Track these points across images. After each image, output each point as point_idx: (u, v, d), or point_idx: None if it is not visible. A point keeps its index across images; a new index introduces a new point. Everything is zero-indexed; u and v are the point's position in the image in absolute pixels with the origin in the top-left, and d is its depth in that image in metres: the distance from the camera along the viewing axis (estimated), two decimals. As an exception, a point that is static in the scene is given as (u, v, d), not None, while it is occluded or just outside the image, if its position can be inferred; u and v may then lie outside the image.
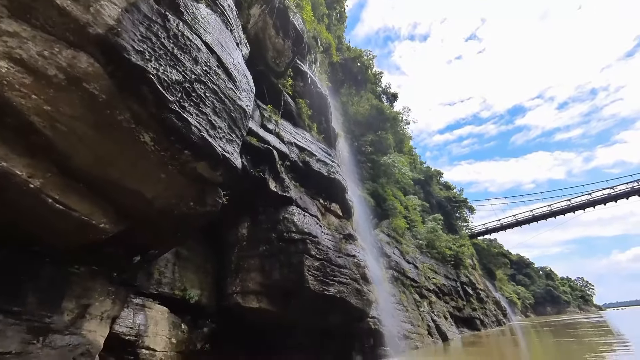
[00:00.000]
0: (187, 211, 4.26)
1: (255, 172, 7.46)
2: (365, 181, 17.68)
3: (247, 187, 7.74)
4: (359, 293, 9.58)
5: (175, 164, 3.85)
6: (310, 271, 7.83)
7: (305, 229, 8.28)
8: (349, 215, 12.07)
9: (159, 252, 5.45)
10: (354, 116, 20.78)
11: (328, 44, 16.25)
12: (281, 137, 9.20)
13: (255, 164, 7.53)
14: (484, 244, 55.32)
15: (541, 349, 12.70)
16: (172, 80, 3.36)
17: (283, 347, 9.18)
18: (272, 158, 7.87)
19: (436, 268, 27.63)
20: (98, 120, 3.15)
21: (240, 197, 8.02)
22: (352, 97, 21.57)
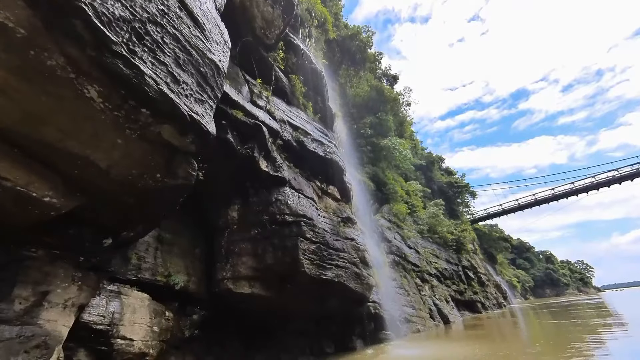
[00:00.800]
0: (154, 184, 3.67)
1: (243, 149, 6.83)
2: (365, 165, 17.03)
3: (235, 166, 7.13)
4: (358, 277, 9.13)
5: (133, 127, 3.23)
6: (305, 255, 7.33)
7: (300, 211, 7.73)
8: (347, 199, 11.51)
9: (135, 236, 4.91)
10: (352, 98, 19.89)
11: (324, 18, 15.20)
12: (272, 114, 8.51)
13: (243, 141, 6.90)
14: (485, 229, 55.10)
15: (540, 329, 12.59)
16: (115, 15, 2.68)
17: (281, 332, 8.84)
18: (261, 135, 7.22)
19: (438, 253, 27.35)
20: (22, 66, 2.51)
21: (229, 177, 7.44)
22: (350, 79, 20.60)
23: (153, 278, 5.50)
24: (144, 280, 5.33)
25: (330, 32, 15.89)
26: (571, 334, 9.49)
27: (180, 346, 6.08)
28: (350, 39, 18.73)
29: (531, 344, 8.38)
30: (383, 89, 19.08)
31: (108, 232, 4.37)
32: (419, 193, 32.33)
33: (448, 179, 44.88)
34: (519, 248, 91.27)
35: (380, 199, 17.45)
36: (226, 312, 7.60)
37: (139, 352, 4.54)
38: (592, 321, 12.60)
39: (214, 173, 7.10)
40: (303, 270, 7.16)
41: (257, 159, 7.26)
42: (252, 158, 7.12)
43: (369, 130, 17.23)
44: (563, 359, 5.96)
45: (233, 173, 7.30)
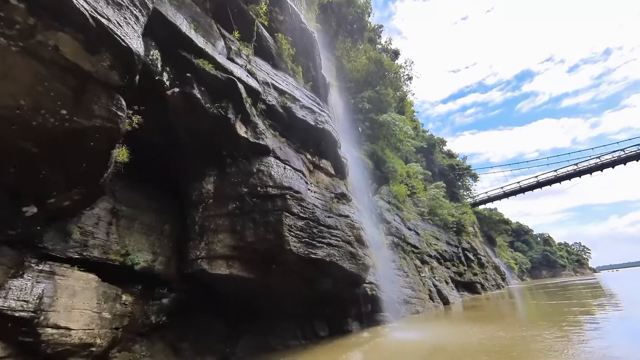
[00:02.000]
0: (60, 126, 2.65)
1: (215, 108, 5.74)
2: (363, 142, 15.90)
3: (208, 130, 6.08)
4: (353, 257, 8.28)
5: (10, 34, 2.17)
6: (291, 231, 6.42)
7: (285, 182, 6.75)
8: (342, 175, 10.51)
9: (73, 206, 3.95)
10: (350, 73, 18.44)
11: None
12: (254, 75, 7.35)
13: (214, 99, 5.80)
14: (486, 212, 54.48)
15: (537, 309, 12.37)
16: None
17: (270, 315, 8.12)
18: (236, 93, 6.11)
19: (438, 235, 26.70)
20: None
21: (202, 144, 6.41)
22: (347, 52, 19.03)
23: (104, 257, 4.60)
24: (92, 259, 4.44)
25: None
26: (567, 315, 9.11)
27: (148, 333, 5.28)
28: (346, 5, 17.05)
29: (529, 326, 7.98)
30: (382, 60, 17.59)
31: (27, 199, 3.40)
32: (420, 175, 31.33)
33: (449, 161, 43.70)
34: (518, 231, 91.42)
35: (379, 179, 16.46)
36: (206, 294, 6.81)
37: (79, 343, 3.70)
38: (586, 301, 12.60)
39: (182, 136, 6.07)
40: (289, 248, 6.27)
41: (232, 122, 6.19)
42: (227, 120, 6.05)
43: (367, 105, 15.94)
44: (560, 338, 5.92)
45: (206, 138, 6.26)
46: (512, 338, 6.44)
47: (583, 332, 6.21)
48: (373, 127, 16.32)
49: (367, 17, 17.67)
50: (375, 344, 7.92)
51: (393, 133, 16.82)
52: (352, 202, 10.00)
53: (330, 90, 12.94)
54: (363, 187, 14.33)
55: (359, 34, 18.56)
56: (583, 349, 4.88)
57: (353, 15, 17.30)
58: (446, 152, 46.92)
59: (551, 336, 6.15)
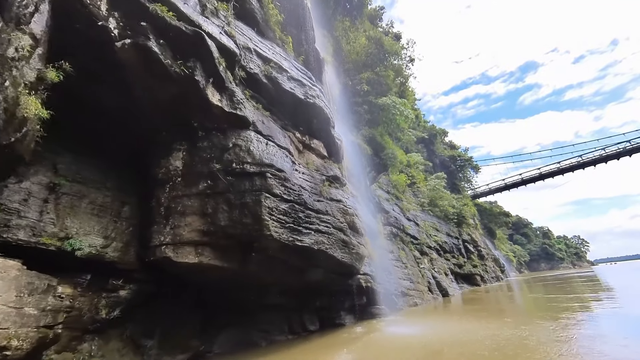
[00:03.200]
0: None
1: (178, 67, 4.77)
2: (361, 127, 14.88)
3: (173, 95, 5.13)
4: (345, 245, 7.44)
5: None
6: (272, 215, 5.54)
7: (266, 159, 5.82)
8: (336, 158, 9.56)
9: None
10: (348, 55, 17.26)
11: (311, -55, 12.31)
12: (232, 37, 6.32)
13: (178, 56, 4.82)
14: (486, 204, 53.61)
15: (535, 304, 11.86)
16: None
17: (254, 307, 7.34)
18: (206, 51, 5.12)
19: (438, 226, 25.89)
20: None
21: (168, 113, 5.47)
22: (346, 33, 17.78)
23: (35, 240, 3.74)
24: (16, 243, 3.58)
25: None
26: (565, 311, 8.59)
27: (100, 330, 4.48)
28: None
29: (528, 322, 7.36)
30: (383, 40, 16.36)
31: None
32: (420, 166, 30.34)
33: (451, 152, 42.58)
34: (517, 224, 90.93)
35: (377, 166, 15.51)
36: (178, 285, 6.00)
37: (-16, 347, 2.88)
38: (584, 295, 12.26)
39: (143, 102, 5.12)
40: (269, 233, 5.40)
41: (202, 87, 5.22)
42: (195, 84, 5.08)
43: (366, 87, 14.84)
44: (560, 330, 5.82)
45: (172, 106, 5.31)
46: (512, 336, 5.81)
47: (583, 331, 5.86)
48: (372, 110, 15.26)
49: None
50: (369, 340, 7.15)
51: (393, 118, 15.76)
52: (347, 187, 9.10)
53: (325, 68, 11.87)
54: (360, 173, 13.40)
55: (358, 12, 17.29)
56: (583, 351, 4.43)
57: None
58: (447, 143, 45.74)
59: (550, 336, 5.60)
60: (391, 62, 17.12)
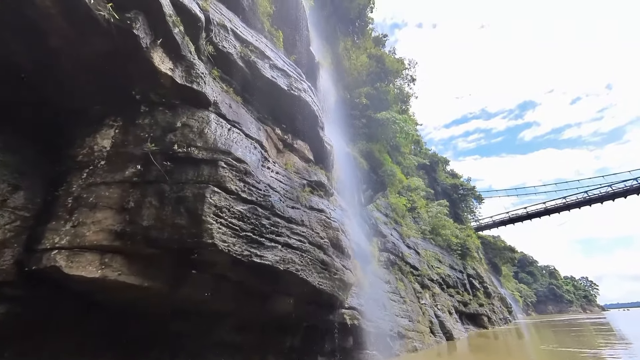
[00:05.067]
0: None
1: (112, 17, 3.62)
2: (359, 141, 13.74)
3: (104, 53, 3.93)
4: (325, 268, 5.76)
5: None
6: (220, 217, 4.03)
7: (223, 145, 4.45)
8: (325, 165, 8.20)
9: None
10: (349, 72, 16.74)
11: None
12: (204, 10, 5.33)
13: (116, 4, 3.70)
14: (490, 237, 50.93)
15: (550, 357, 9.57)
16: None
17: (197, 344, 5.47)
18: (155, 3, 4.03)
19: (440, 257, 23.61)
20: None
21: (100, 77, 4.24)
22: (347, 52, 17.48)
23: None
24: None
25: (322, -23, 12.82)
26: None
27: None
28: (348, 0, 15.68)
29: None
30: (384, 58, 15.89)
31: None
32: (421, 192, 28.83)
33: (453, 181, 41.22)
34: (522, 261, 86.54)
35: (374, 184, 14.08)
36: (80, 307, 4.30)
37: None
38: (603, 350, 9.88)
39: (64, 60, 3.90)
40: (211, 242, 3.85)
41: (145, 47, 4.04)
42: (134, 40, 3.90)
43: (365, 100, 13.96)
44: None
45: (104, 67, 4.10)
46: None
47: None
48: (370, 125, 14.23)
49: (369, 12, 16.35)
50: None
51: (393, 135, 14.66)
52: (334, 199, 7.61)
53: (321, 73, 11.00)
54: (354, 188, 11.94)
55: (360, 32, 17.09)
56: None
57: (355, 10, 15.91)
58: (449, 171, 44.58)
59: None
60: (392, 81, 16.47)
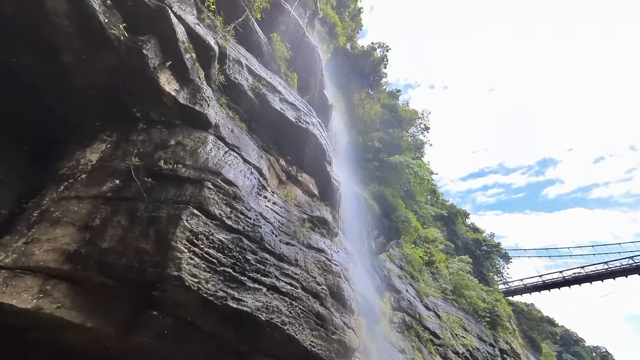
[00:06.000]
0: None
1: (125, 38, 3.74)
2: (370, 183, 13.19)
3: (110, 68, 3.98)
4: (321, 324, 4.64)
5: None
6: (195, 245, 3.39)
7: (214, 165, 4.07)
8: (331, 202, 7.58)
9: None
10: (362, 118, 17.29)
11: (333, 22, 13.70)
12: (222, 47, 5.66)
13: (128, 25, 3.87)
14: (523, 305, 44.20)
15: None
16: None
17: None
18: (168, 29, 4.19)
19: (466, 324, 20.15)
20: None
21: (103, 92, 4.23)
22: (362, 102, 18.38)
23: None
24: None
25: (340, 37, 14.23)
26: None
27: None
28: (363, 57, 17.10)
29: None
30: (397, 107, 16.38)
31: None
32: (440, 245, 26.55)
33: (475, 235, 38.15)
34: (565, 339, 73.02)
35: (387, 231, 12.95)
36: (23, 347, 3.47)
37: None
38: None
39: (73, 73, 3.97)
40: (178, 275, 3.14)
41: (153, 67, 4.08)
42: (142, 59, 3.96)
43: (377, 144, 13.88)
44: None
45: (110, 81, 4.12)
46: None
47: None
48: (383, 168, 13.83)
49: (383, 67, 17.54)
50: None
51: (407, 179, 14.06)
52: (338, 239, 6.76)
53: (333, 115, 11.21)
54: (363, 233, 10.92)
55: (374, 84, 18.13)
56: None
57: (369, 65, 17.17)
58: (470, 225, 41.69)
59: None
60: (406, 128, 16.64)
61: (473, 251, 35.68)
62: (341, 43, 14.56)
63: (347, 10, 17.95)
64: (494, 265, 38.64)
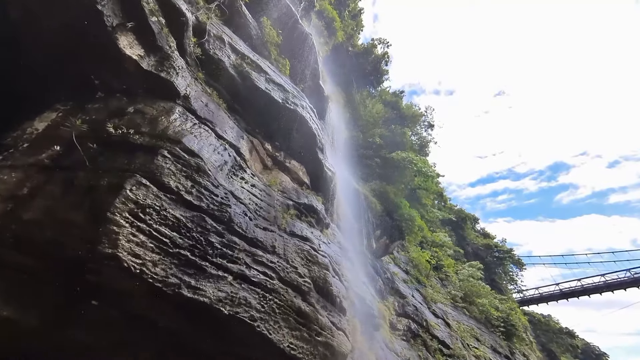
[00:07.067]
0: None
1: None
2: (372, 180, 12.47)
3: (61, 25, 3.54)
4: (303, 323, 3.94)
5: None
6: (139, 219, 2.81)
7: (174, 134, 3.53)
8: (324, 192, 6.93)
9: None
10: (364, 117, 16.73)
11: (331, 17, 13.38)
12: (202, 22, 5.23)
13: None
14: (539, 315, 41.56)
15: None
16: None
17: None
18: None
19: (478, 333, 18.71)
20: None
21: (56, 55, 3.79)
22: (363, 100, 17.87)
23: None
24: None
25: (339, 32, 13.86)
26: None
27: None
28: (364, 55, 16.69)
29: None
30: (399, 103, 15.78)
31: None
32: (449, 250, 25.25)
33: (485, 241, 36.44)
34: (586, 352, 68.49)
35: (390, 230, 12.12)
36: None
37: None
38: None
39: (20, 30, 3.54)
40: (113, 253, 2.55)
41: (110, 26, 3.63)
42: (97, 16, 3.51)
43: (379, 140, 13.23)
44: None
45: (64, 43, 3.68)
46: None
47: None
48: (385, 166, 13.12)
49: (384, 65, 17.06)
50: None
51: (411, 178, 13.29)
52: (330, 232, 6.08)
53: (331, 107, 10.67)
54: (363, 231, 10.16)
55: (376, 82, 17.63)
56: None
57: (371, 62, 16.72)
58: (480, 230, 39.95)
59: None
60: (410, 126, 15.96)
61: (484, 257, 33.99)
62: (340, 38, 14.17)
63: (347, 9, 17.70)
64: (507, 272, 36.64)
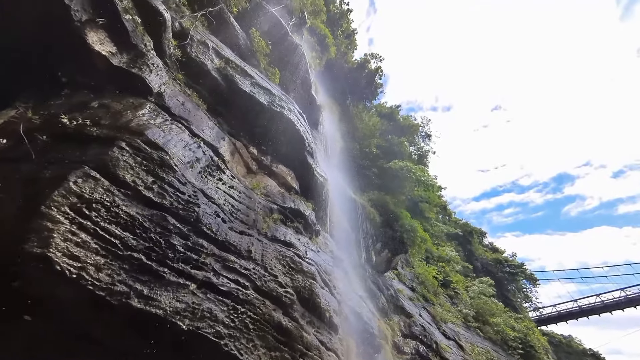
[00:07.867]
0: None
1: None
2: (369, 190, 12.02)
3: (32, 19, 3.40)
4: (284, 341, 3.37)
5: None
6: (82, 215, 2.42)
7: (136, 126, 3.23)
8: (315, 199, 6.51)
9: None
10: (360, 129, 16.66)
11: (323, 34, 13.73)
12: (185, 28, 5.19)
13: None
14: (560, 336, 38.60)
15: None
16: None
17: None
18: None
19: (495, 357, 17.06)
20: None
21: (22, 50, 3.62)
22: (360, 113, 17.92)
23: None
24: None
25: (332, 48, 14.16)
26: None
27: None
28: (358, 70, 16.98)
29: None
30: (395, 115, 15.73)
31: None
32: (457, 265, 24.02)
33: (494, 255, 34.90)
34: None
35: (391, 242, 11.44)
36: None
37: None
38: None
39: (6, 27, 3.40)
40: (43, 254, 2.14)
41: (76, 20, 3.49)
42: (66, 11, 3.38)
43: (375, 150, 12.97)
44: None
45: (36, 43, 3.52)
46: None
47: None
48: (383, 176, 12.74)
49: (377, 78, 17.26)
50: None
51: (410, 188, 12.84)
52: (320, 239, 5.57)
53: (324, 116, 10.54)
54: (361, 244, 9.55)
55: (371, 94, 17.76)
56: None
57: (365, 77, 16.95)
58: (488, 244, 38.44)
59: None
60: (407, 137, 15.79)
61: (494, 273, 32.33)
62: (333, 54, 14.45)
63: (339, 29, 18.32)
64: (520, 289, 34.65)
